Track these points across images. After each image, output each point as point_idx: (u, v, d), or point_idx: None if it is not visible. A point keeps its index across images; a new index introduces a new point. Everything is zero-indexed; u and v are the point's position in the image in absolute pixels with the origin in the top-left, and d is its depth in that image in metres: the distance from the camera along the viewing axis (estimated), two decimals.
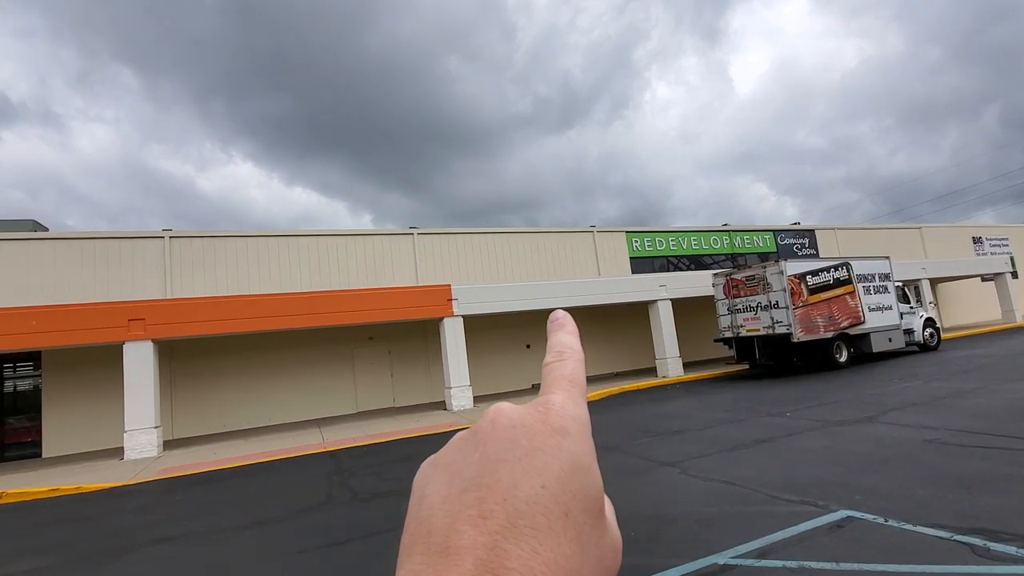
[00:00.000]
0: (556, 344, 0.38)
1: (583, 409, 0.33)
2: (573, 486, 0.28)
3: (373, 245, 18.65)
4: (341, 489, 7.49)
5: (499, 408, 0.32)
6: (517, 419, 0.31)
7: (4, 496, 9.44)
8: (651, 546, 4.36)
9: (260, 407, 16.52)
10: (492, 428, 0.31)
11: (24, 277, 14.70)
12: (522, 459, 0.28)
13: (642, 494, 5.81)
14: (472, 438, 0.31)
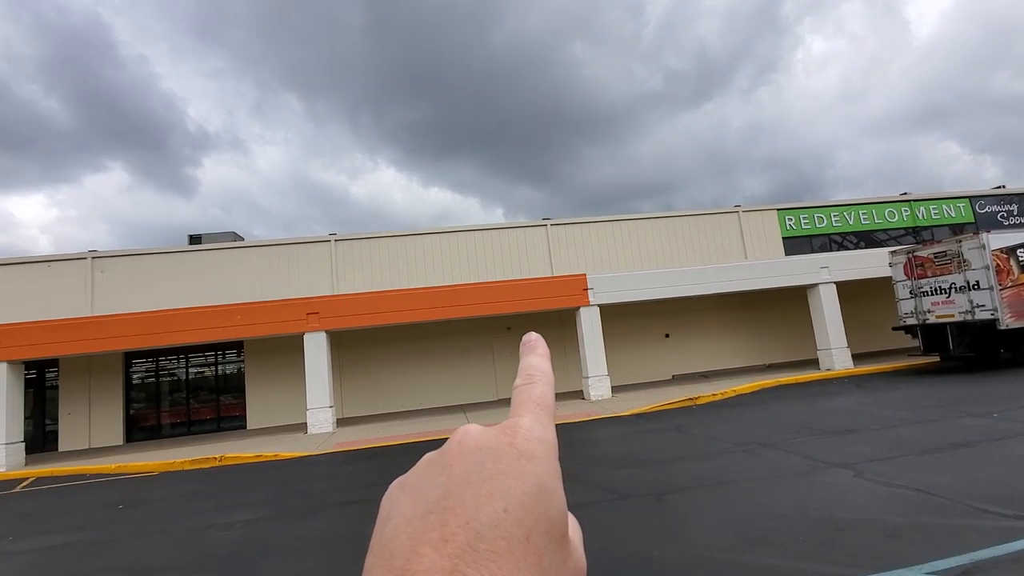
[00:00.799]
0: (526, 367, 0.37)
1: (550, 432, 0.32)
2: (536, 510, 0.28)
3: (508, 238, 19.26)
4: None
5: (467, 430, 0.32)
6: (484, 442, 0.31)
7: (223, 459, 11.52)
8: (824, 553, 3.93)
9: (414, 392, 18.05)
10: (459, 450, 0.31)
11: (228, 279, 17.71)
12: (486, 482, 0.28)
13: (809, 496, 5.26)
14: (439, 460, 0.31)
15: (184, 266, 17.73)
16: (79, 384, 17.05)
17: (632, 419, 11.58)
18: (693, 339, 19.52)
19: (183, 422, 17.66)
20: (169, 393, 17.97)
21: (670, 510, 5.34)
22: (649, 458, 7.71)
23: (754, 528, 4.59)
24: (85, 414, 16.97)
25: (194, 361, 18.10)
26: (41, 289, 16.83)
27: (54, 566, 5.65)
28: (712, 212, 20.70)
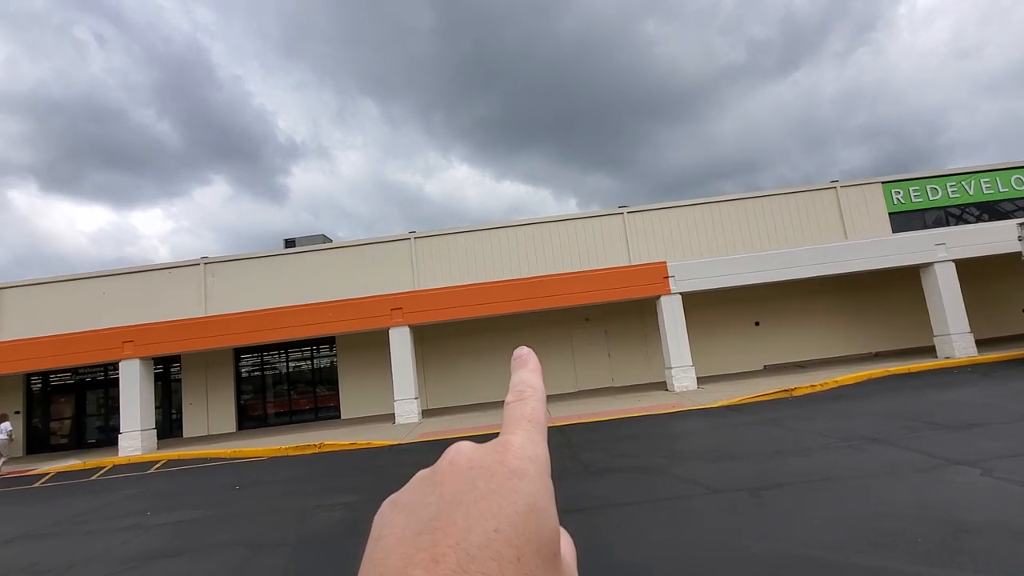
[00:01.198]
0: (517, 383, 0.37)
1: (542, 449, 0.32)
2: (527, 529, 0.28)
3: (584, 228, 19.03)
4: (573, 462, 7.85)
5: (458, 448, 0.32)
6: (476, 460, 0.31)
7: (322, 446, 12.35)
8: (945, 556, 3.55)
9: (494, 383, 18.37)
10: (450, 469, 0.31)
11: (319, 279, 18.88)
12: (478, 501, 0.28)
13: (929, 496, 4.77)
14: (431, 478, 0.31)
15: (281, 268, 19.14)
16: (197, 377, 18.95)
17: (720, 411, 11.07)
18: (786, 327, 18.31)
19: (286, 412, 19.13)
20: (273, 385, 19.51)
21: (768, 506, 5.04)
22: (741, 452, 7.33)
23: (864, 528, 4.23)
24: (203, 404, 18.85)
25: (293, 356, 19.52)
26: (163, 293, 18.85)
27: (185, 538, 6.32)
28: (805, 189, 19.24)
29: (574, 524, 4.99)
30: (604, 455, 8.06)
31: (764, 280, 15.03)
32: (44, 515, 8.56)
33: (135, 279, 19.18)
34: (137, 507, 8.36)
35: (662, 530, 4.66)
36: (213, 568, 5.10)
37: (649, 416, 11.34)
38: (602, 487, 6.31)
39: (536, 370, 0.39)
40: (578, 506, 5.61)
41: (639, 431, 9.78)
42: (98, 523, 7.56)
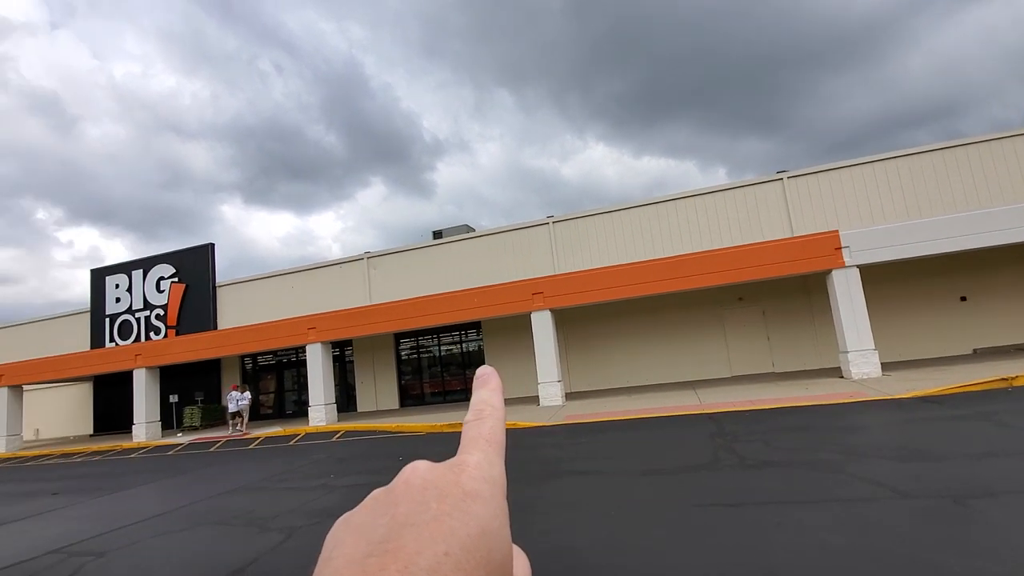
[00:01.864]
0: (476, 402, 0.37)
1: (499, 469, 0.33)
2: (478, 553, 0.27)
3: (736, 199, 17.40)
4: (727, 452, 7.25)
5: (414, 467, 0.32)
6: (431, 480, 0.30)
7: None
8: None
9: (638, 367, 17.82)
10: (405, 489, 0.30)
11: (464, 267, 19.92)
12: (429, 523, 0.28)
13: None
14: (385, 498, 0.31)
15: (431, 258, 20.58)
16: (366, 359, 21.30)
17: (913, 403, 9.39)
18: (1004, 302, 14.93)
19: (439, 392, 20.66)
20: (428, 367, 21.18)
21: (976, 518, 4.10)
22: (940, 451, 6.11)
23: None
24: (372, 383, 21.16)
25: (444, 340, 20.95)
26: (336, 286, 21.44)
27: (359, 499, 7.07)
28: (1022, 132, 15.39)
29: (724, 520, 4.57)
30: (763, 447, 7.30)
31: (971, 246, 12.37)
32: (257, 471, 10.28)
33: (314, 274, 22.09)
34: (324, 469, 9.63)
35: (833, 534, 4.04)
36: None
37: (819, 406, 10.04)
38: (760, 481, 5.70)
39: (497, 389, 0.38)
40: (731, 500, 5.13)
41: (806, 422, 8.70)
42: (295, 481, 8.86)
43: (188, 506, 7.87)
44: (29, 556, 6.09)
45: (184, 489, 9.49)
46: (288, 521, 6.26)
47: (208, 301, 22.96)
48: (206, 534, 6.22)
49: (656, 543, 4.31)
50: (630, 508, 5.32)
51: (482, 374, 0.40)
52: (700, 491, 5.59)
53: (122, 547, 6.10)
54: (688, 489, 5.73)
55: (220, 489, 8.92)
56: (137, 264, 24.42)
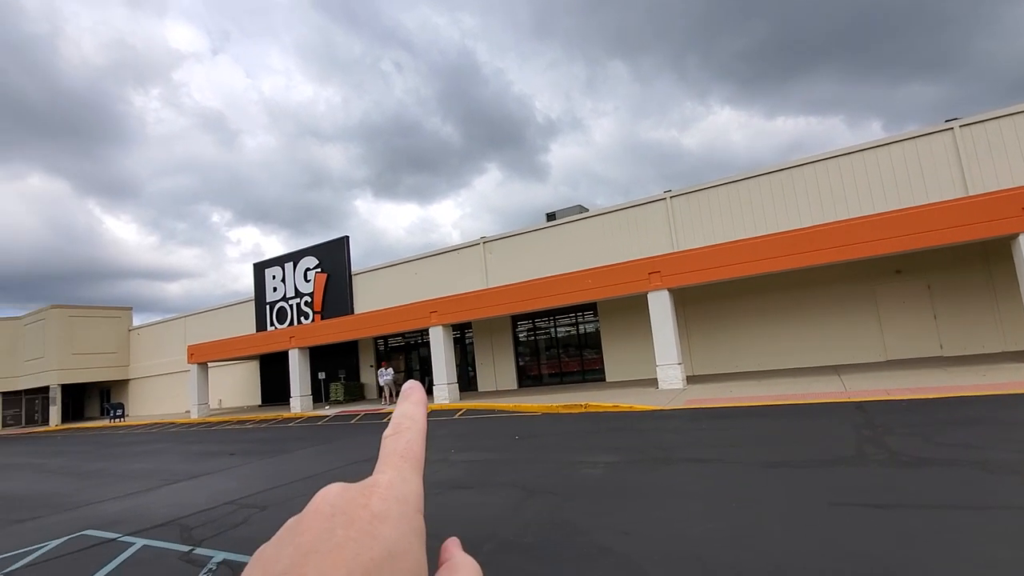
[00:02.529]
0: (397, 416, 0.37)
1: (414, 486, 0.32)
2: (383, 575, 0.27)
3: (892, 156, 15.06)
4: (874, 446, 6.37)
5: (325, 492, 0.32)
6: (339, 506, 0.30)
7: (587, 407, 12.97)
8: None
9: (770, 350, 16.38)
10: (313, 516, 0.30)
11: (578, 248, 19.68)
12: (332, 551, 0.28)
13: None
14: (295, 527, 0.30)
15: (544, 240, 20.65)
16: (485, 342, 22.10)
17: None
18: None
19: (556, 373, 20.81)
20: (545, 349, 21.41)
21: None
22: None
23: None
24: (491, 364, 21.93)
25: (561, 322, 21.00)
26: (455, 271, 22.44)
27: (477, 475, 7.41)
28: None
29: (868, 523, 3.99)
30: (922, 442, 6.29)
31: None
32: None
33: (435, 260, 23.31)
34: (446, 444, 10.20)
35: (1004, 548, 3.34)
36: (496, 503, 5.80)
37: (999, 396, 8.42)
38: (915, 482, 4.91)
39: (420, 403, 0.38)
40: (876, 501, 4.48)
41: (980, 415, 7.35)
42: None
43: (335, 470, 8.80)
44: (209, 506, 7.22)
45: (332, 455, 10.63)
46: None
47: (345, 288, 25.35)
48: None
49: (782, 543, 3.91)
50: (753, 501, 4.89)
51: (406, 388, 0.39)
52: (838, 488, 4.96)
53: (281, 502, 6.99)
54: (824, 485, 5.12)
55: (360, 457, 9.85)
56: (288, 257, 27.67)
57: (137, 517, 7.03)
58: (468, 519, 5.33)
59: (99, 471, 12.18)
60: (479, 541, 4.60)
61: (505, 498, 5.99)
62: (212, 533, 5.87)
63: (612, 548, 4.16)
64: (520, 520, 5.14)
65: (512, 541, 4.58)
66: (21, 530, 7.07)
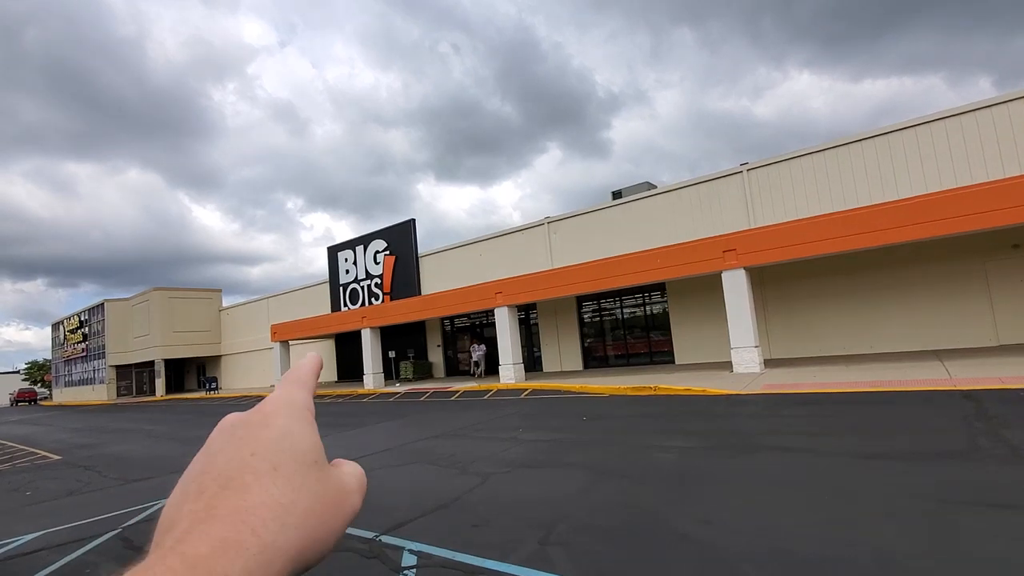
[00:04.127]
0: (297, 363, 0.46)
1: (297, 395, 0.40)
2: (281, 446, 0.34)
3: (1008, 116, 13.35)
4: (990, 440, 5.72)
5: (225, 417, 0.39)
6: (236, 419, 0.37)
7: (657, 389, 12.61)
8: None
9: (860, 333, 15.19)
10: (216, 432, 0.37)
11: (646, 226, 19.03)
12: (236, 443, 0.35)
13: None
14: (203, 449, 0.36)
15: (611, 219, 20.13)
16: (550, 322, 22.01)
17: None
18: None
19: (623, 355, 20.41)
20: (611, 330, 21.04)
21: None
22: None
23: None
24: (555, 345, 21.84)
25: (627, 303, 20.52)
26: (519, 252, 22.39)
27: (546, 454, 7.38)
28: None
29: (987, 525, 3.55)
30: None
31: None
32: (458, 420, 11.43)
33: (499, 242, 23.37)
34: (513, 423, 10.27)
35: None
36: (566, 484, 5.75)
37: None
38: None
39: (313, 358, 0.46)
40: (997, 500, 3.99)
41: None
42: (489, 432, 9.61)
43: (407, 445, 9.09)
44: None
45: (403, 430, 11.00)
46: (483, 468, 6.79)
47: (413, 270, 26.02)
48: (419, 471, 7.09)
49: (884, 541, 3.57)
50: (849, 495, 4.51)
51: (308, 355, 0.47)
52: (948, 485, 4.48)
53: (365, 472, 7.29)
54: (931, 481, 4.65)
55: (430, 433, 10.12)
56: (358, 241, 28.72)
57: None
58: (538, 498, 5.30)
59: (200, 437, 13.09)
60: (551, 521, 4.55)
61: (575, 479, 5.91)
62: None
63: (690, 535, 3.98)
64: (591, 502, 5.05)
65: (585, 522, 4.50)
66: (137, 488, 7.83)
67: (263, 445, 0.34)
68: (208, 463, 0.34)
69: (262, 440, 0.34)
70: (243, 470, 0.32)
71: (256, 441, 0.34)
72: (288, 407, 0.38)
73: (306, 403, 0.40)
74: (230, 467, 0.33)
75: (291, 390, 0.41)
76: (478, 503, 5.31)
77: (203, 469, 0.34)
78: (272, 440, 0.34)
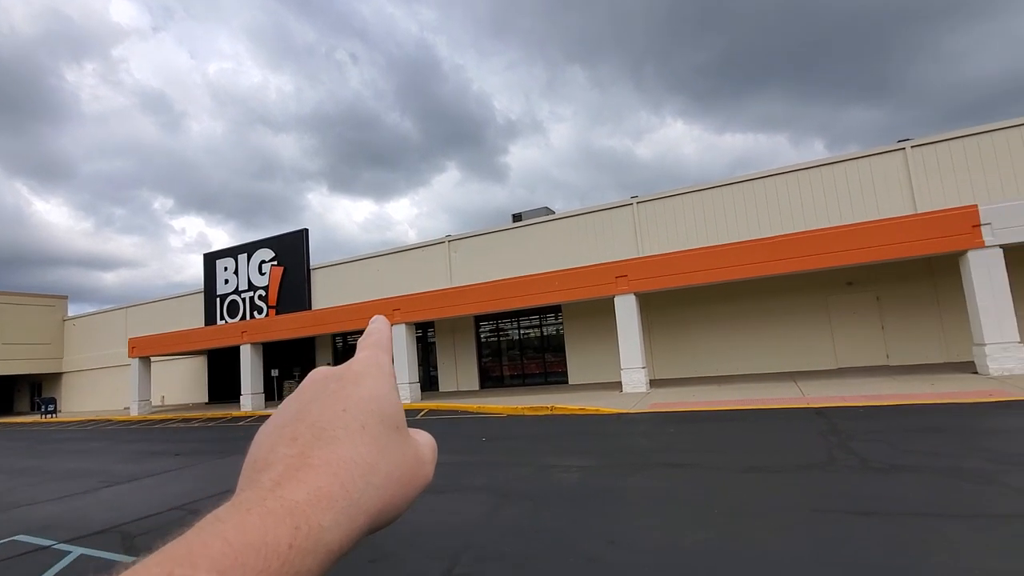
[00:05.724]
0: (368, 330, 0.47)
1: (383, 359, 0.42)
2: (370, 406, 0.36)
3: (847, 173, 15.69)
4: (843, 452, 6.50)
5: (316, 368, 0.41)
6: (328, 372, 0.40)
7: (553, 409, 12.87)
8: None
9: (730, 356, 16.76)
10: (309, 381, 0.39)
11: (544, 250, 19.63)
12: (329, 395, 0.36)
13: None
14: (295, 394, 0.39)
15: (511, 241, 20.49)
16: (447, 342, 21.72)
17: None
18: None
19: (519, 374, 20.67)
20: (508, 350, 21.24)
21: None
22: None
23: None
24: (452, 364, 21.57)
25: (524, 323, 20.88)
26: (418, 269, 21.97)
27: (447, 479, 7.12)
28: None
29: (856, 530, 3.98)
30: (888, 449, 6.46)
31: None
32: None
33: (398, 258, 22.77)
34: None
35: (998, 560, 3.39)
36: (469, 510, 5.56)
37: (951, 405, 8.83)
38: (892, 488, 5.00)
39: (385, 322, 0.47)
40: (858, 508, 4.51)
41: (938, 423, 7.65)
42: None
43: None
44: (156, 511, 6.66)
45: None
46: None
47: (303, 283, 24.42)
48: None
49: (775, 551, 3.85)
50: (737, 508, 4.85)
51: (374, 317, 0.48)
52: (818, 494, 5.00)
53: None
54: (803, 491, 5.15)
55: None
56: (242, 249, 26.42)
57: (73, 522, 6.40)
58: (441, 526, 5.07)
59: (31, 469, 11.17)
60: (456, 551, 4.36)
61: (479, 503, 5.76)
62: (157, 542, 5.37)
63: (599, 558, 4.01)
64: (497, 527, 4.92)
65: (492, 550, 4.36)
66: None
67: (353, 402, 0.35)
68: (301, 410, 0.35)
69: (353, 397, 0.36)
70: (335, 423, 0.34)
71: (347, 397, 0.36)
72: (377, 369, 0.39)
73: (391, 368, 0.41)
74: (323, 418, 0.34)
75: (377, 353, 0.42)
76: (375, 535, 4.94)
77: (296, 416, 0.35)
78: (362, 399, 0.36)
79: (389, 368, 0.41)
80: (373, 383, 0.38)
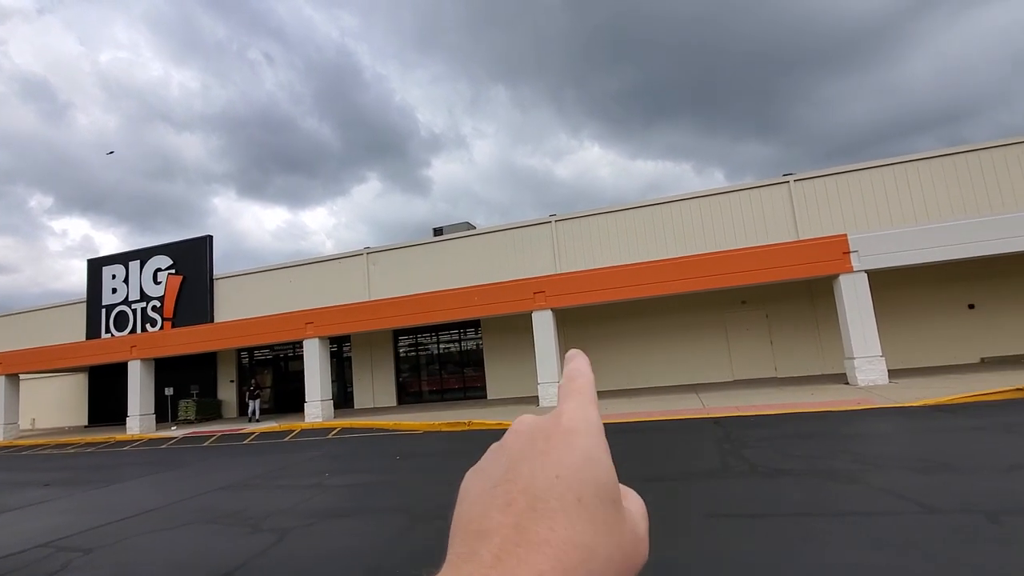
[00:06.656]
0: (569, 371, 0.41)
1: (593, 414, 0.37)
2: (585, 475, 0.32)
3: (740, 201, 17.20)
4: (736, 459, 7.04)
5: (520, 418, 0.38)
6: (535, 425, 0.36)
7: (471, 424, 12.84)
8: None
9: (639, 370, 17.61)
10: (514, 435, 0.36)
11: (465, 264, 19.68)
12: (539, 456, 0.33)
13: None
14: (500, 447, 0.37)
15: (431, 255, 20.34)
16: (364, 357, 21.05)
17: (924, 411, 9.20)
18: (1013, 311, 14.76)
19: (438, 390, 20.43)
20: (426, 365, 20.95)
21: (1017, 536, 3.90)
22: (964, 463, 5.91)
23: None
24: (369, 380, 20.91)
25: (443, 338, 20.72)
26: (335, 281, 21.19)
27: (356, 500, 6.89)
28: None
29: (744, 532, 4.35)
30: (774, 454, 7.10)
31: (977, 254, 12.19)
32: (250, 468, 10.05)
33: (313, 269, 21.84)
34: (318, 467, 9.40)
35: (867, 553, 3.83)
36: (379, 533, 5.41)
37: (827, 413, 9.85)
38: (776, 491, 5.50)
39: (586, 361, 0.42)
40: (747, 511, 4.92)
41: (816, 429, 8.51)
42: (289, 479, 8.63)
43: (179, 502, 7.64)
44: (18, 549, 5.87)
45: (176, 484, 9.25)
46: (280, 522, 6.04)
47: (205, 294, 22.70)
48: (196, 533, 6.00)
49: (671, 555, 4.10)
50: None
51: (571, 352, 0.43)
52: (711, 500, 5.37)
53: (109, 544, 5.87)
54: (698, 497, 5.52)
55: (213, 485, 8.69)
56: (134, 255, 24.15)
57: None
58: (347, 552, 4.89)
59: None
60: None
61: (390, 526, 5.62)
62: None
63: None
64: (408, 550, 4.83)
65: (400, 574, 4.26)
66: None
67: (567, 469, 0.32)
68: (512, 470, 0.33)
69: (565, 462, 0.32)
70: (548, 493, 0.31)
71: (559, 462, 0.32)
72: (588, 426, 0.35)
73: (600, 423, 0.37)
74: (536, 484, 0.31)
75: (586, 405, 0.37)
76: (272, 567, 4.68)
77: (505, 476, 0.33)
78: (576, 466, 0.32)
79: (599, 425, 0.37)
80: (585, 444, 0.34)
